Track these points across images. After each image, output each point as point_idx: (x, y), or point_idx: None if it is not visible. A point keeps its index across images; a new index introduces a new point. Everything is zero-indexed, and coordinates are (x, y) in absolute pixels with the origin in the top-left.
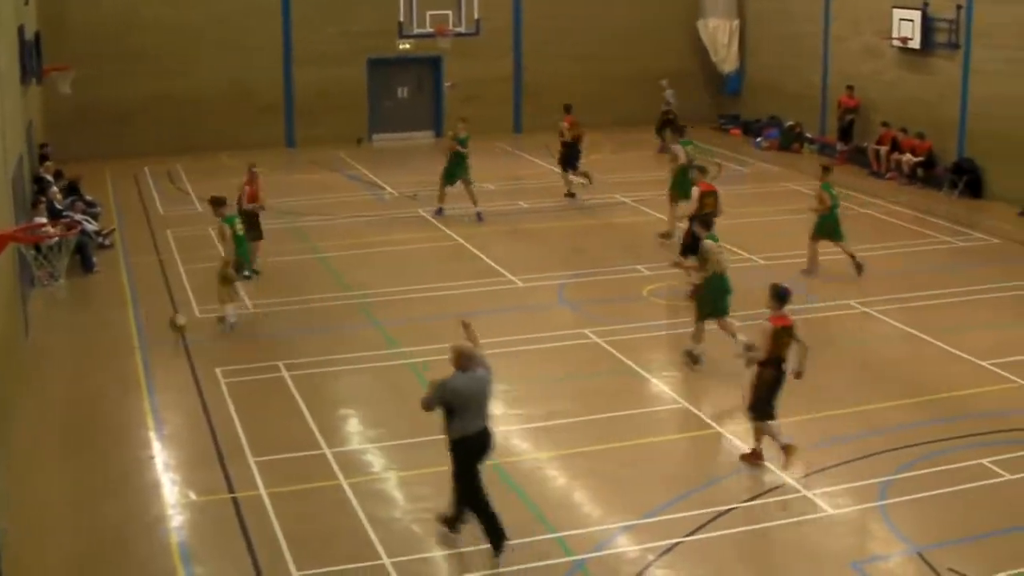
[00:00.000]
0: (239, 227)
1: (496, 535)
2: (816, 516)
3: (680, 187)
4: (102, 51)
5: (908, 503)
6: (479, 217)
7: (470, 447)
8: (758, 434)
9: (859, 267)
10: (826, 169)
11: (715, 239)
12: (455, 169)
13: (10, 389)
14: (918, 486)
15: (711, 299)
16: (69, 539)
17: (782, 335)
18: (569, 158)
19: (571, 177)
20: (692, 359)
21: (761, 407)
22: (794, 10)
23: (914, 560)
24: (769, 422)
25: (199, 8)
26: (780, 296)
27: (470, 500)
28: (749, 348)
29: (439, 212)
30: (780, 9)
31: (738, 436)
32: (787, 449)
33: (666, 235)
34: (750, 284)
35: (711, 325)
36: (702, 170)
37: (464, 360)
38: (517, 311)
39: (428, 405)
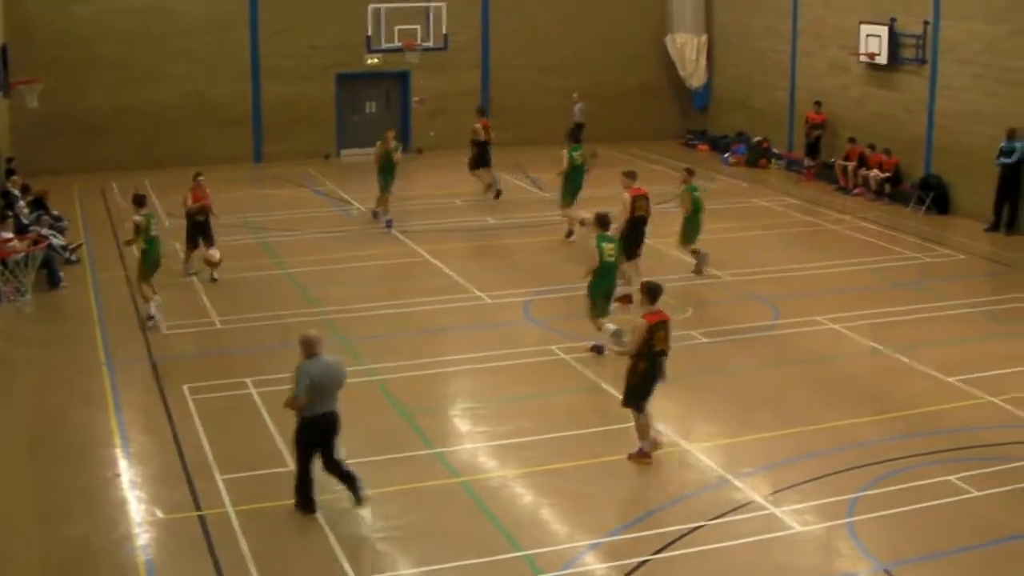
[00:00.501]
0: (154, 226)
1: (354, 487)
2: (784, 533)
3: (568, 188)
4: (68, 64)
5: (876, 520)
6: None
7: (317, 427)
8: (639, 427)
9: (699, 265)
10: (690, 172)
11: (607, 239)
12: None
13: None
14: (886, 503)
15: (600, 293)
16: (34, 557)
17: (657, 330)
18: (482, 158)
19: (480, 173)
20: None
21: (633, 398)
22: (761, 26)
23: None
24: (640, 414)
25: (165, 22)
26: (652, 292)
27: (302, 469)
28: (617, 336)
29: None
30: (748, 25)
31: (704, 452)
32: (655, 444)
33: (568, 235)
34: (717, 299)
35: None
36: (624, 173)
37: (311, 347)
38: (483, 328)
39: (298, 400)
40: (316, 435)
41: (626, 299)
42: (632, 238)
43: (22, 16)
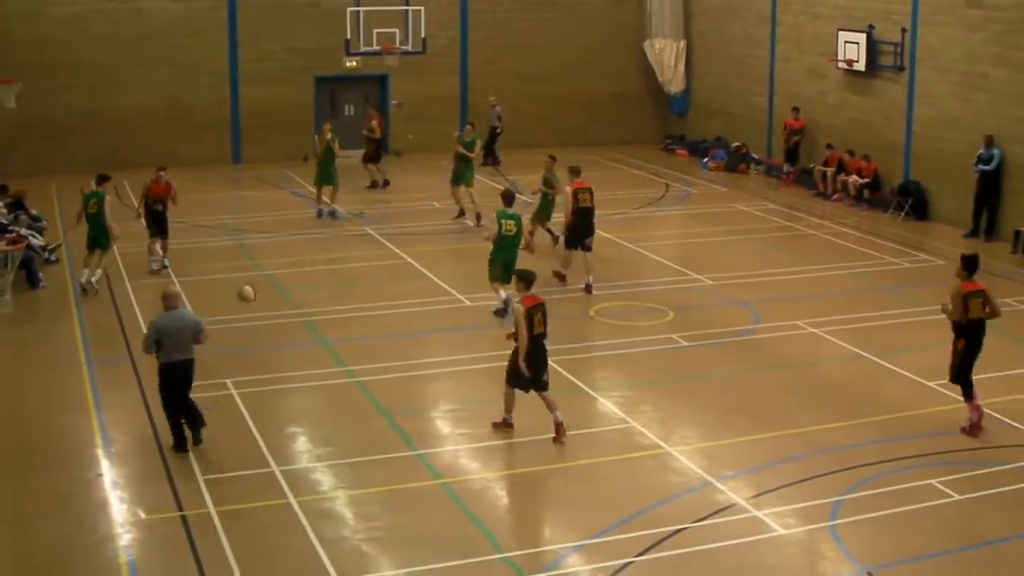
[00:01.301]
0: (92, 205)
1: (194, 428)
2: (766, 536)
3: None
4: (44, 66)
5: (858, 523)
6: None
7: (171, 372)
8: (507, 401)
9: (556, 239)
10: (552, 158)
11: (507, 215)
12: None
13: None
14: (867, 506)
15: (498, 265)
16: (14, 558)
17: (534, 312)
18: (377, 154)
19: (374, 167)
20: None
21: (512, 377)
22: (740, 32)
23: None
24: (514, 389)
25: (140, 24)
26: (525, 279)
27: (168, 413)
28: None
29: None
30: (726, 31)
31: (686, 456)
32: (506, 421)
33: (459, 215)
34: (697, 303)
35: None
36: (569, 168)
37: (167, 301)
38: (464, 330)
39: (146, 348)
40: (169, 379)
41: (560, 277)
42: (579, 229)
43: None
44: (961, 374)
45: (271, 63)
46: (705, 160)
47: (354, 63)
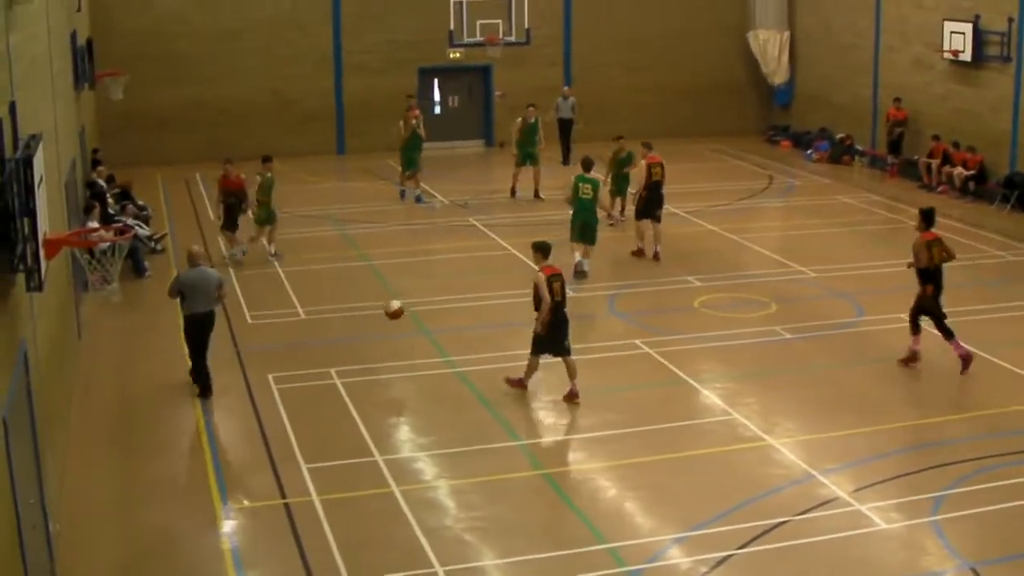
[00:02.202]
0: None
1: (204, 387)
2: (868, 530)
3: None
4: (150, 57)
5: (962, 518)
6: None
7: (195, 322)
8: (530, 367)
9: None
10: (620, 138)
11: (585, 179)
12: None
13: (63, 392)
14: (971, 501)
15: (577, 224)
16: (121, 543)
17: (553, 281)
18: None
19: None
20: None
21: (539, 346)
22: (844, 22)
23: None
24: (539, 357)
25: (244, 17)
26: (542, 250)
27: (193, 359)
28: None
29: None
30: (830, 21)
31: (788, 448)
32: (571, 393)
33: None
34: (800, 295)
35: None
36: (642, 143)
37: (192, 258)
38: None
39: (171, 293)
40: (193, 327)
41: (639, 252)
42: (651, 201)
43: (104, 11)
44: (916, 315)
45: (374, 54)
46: (809, 152)
47: (458, 54)
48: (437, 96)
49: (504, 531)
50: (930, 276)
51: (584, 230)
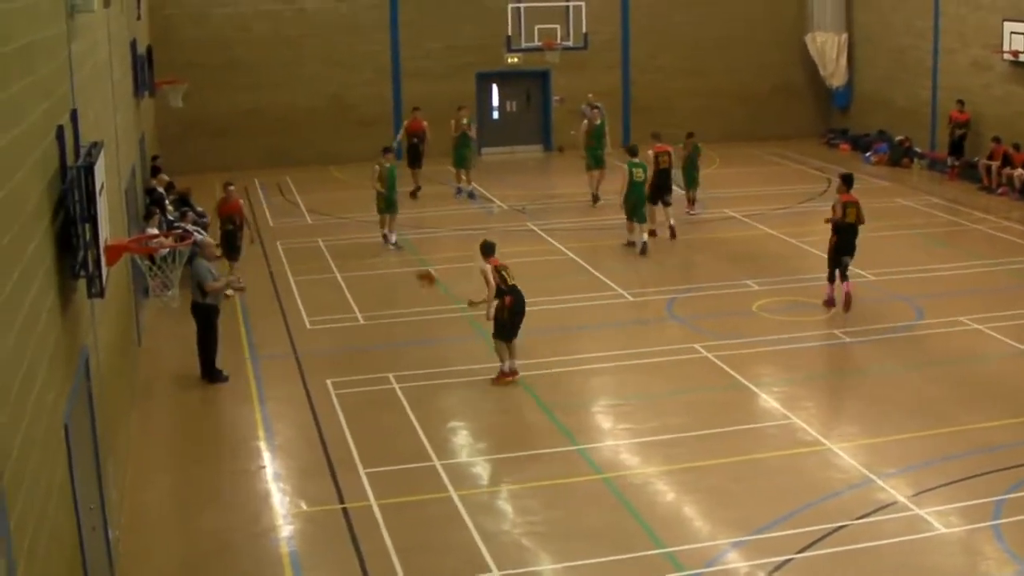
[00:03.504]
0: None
1: (210, 371)
2: (928, 535)
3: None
4: (209, 65)
5: (1021, 523)
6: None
7: (193, 311)
8: (501, 354)
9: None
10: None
11: (635, 164)
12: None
13: (123, 397)
14: None
15: (631, 204)
16: (179, 548)
17: (501, 269)
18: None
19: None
20: (636, 247)
21: (500, 332)
22: (903, 24)
23: None
24: (503, 343)
25: (302, 24)
26: (485, 248)
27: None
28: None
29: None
30: (889, 23)
31: (847, 452)
32: (512, 373)
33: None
34: (857, 298)
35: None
36: (651, 134)
37: (195, 248)
38: (627, 325)
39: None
40: (194, 316)
41: (651, 233)
42: (658, 186)
43: (164, 19)
44: (831, 262)
45: (432, 60)
46: (868, 154)
47: (515, 59)
48: (495, 102)
49: (562, 535)
50: (837, 230)
51: (636, 209)
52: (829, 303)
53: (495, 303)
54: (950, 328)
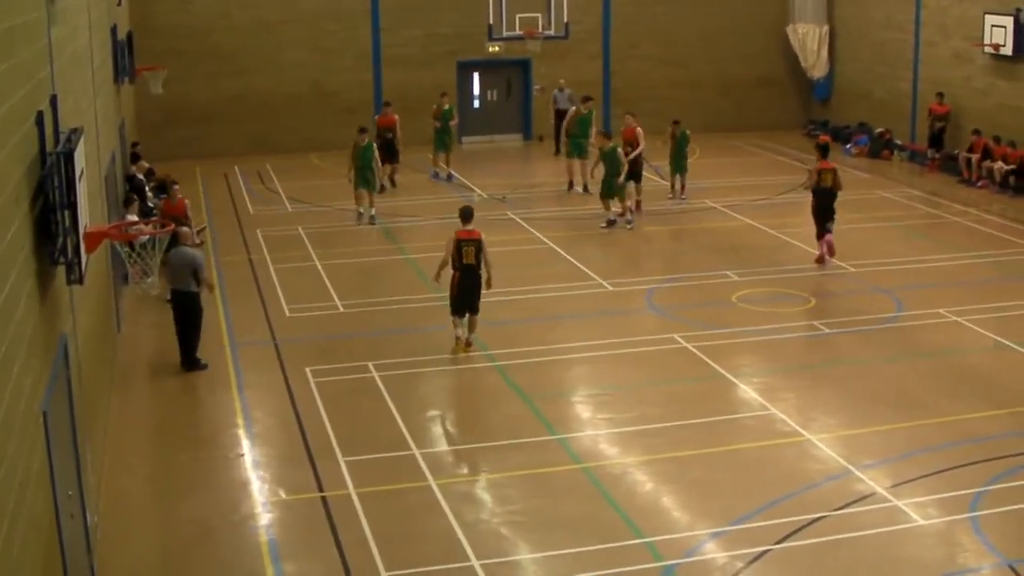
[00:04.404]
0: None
1: (191, 360)
2: (906, 526)
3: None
4: (189, 51)
5: (1000, 515)
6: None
7: (173, 299)
8: (454, 323)
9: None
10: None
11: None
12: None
13: (102, 384)
14: (1010, 498)
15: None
16: (158, 535)
17: (464, 245)
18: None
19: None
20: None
21: (453, 304)
22: (884, 16)
23: (1006, 573)
24: (456, 317)
25: (284, 10)
26: (463, 214)
27: (177, 334)
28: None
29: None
30: (870, 15)
31: (826, 444)
32: (466, 342)
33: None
34: (836, 290)
35: None
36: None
37: (175, 238)
38: (606, 315)
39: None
40: (172, 305)
41: (622, 213)
42: (633, 170)
43: (144, 5)
44: (816, 221)
45: (414, 48)
46: (848, 146)
47: (497, 48)
48: (476, 90)
49: (541, 525)
50: (816, 194)
51: (609, 189)
52: (820, 260)
53: (451, 273)
54: (929, 320)
